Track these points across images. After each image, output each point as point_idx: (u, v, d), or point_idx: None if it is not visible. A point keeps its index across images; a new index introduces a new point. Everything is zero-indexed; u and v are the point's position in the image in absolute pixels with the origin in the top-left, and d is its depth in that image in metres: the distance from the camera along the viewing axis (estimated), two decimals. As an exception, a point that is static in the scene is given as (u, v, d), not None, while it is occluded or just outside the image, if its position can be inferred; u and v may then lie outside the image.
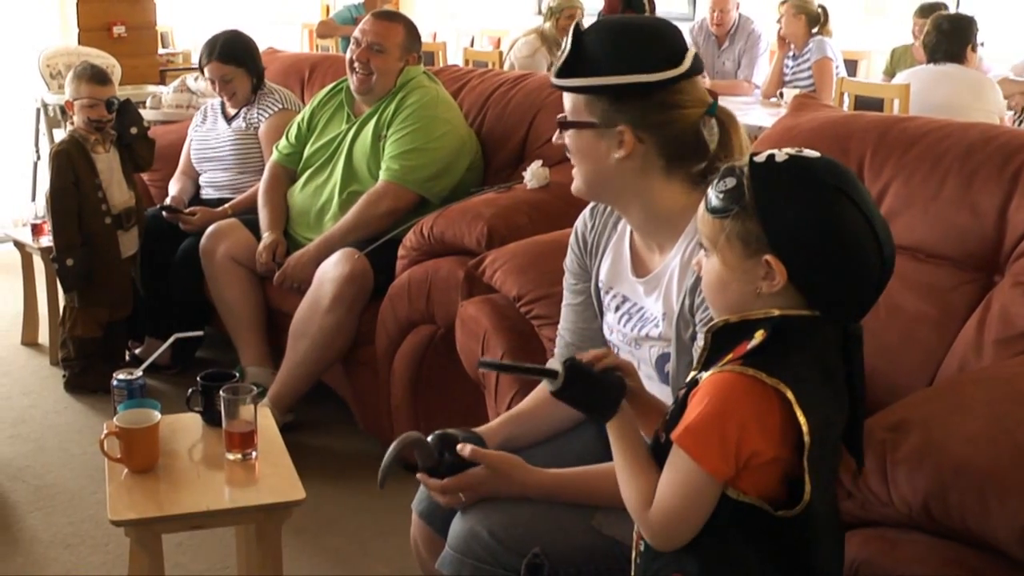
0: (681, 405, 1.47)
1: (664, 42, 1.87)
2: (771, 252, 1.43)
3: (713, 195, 1.48)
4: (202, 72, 4.41)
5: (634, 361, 2.00)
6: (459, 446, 1.91)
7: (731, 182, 1.46)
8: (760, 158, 1.46)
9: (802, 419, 1.38)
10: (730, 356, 1.44)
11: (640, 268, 2.01)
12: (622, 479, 1.52)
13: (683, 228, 1.90)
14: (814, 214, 1.42)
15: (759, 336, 1.42)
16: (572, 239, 2.17)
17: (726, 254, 1.47)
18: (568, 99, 1.90)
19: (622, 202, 1.95)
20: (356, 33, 3.79)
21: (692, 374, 1.52)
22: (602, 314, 2.11)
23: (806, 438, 1.38)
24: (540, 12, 6.53)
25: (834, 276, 1.44)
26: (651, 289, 1.96)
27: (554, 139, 1.96)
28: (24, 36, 6.60)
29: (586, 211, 2.16)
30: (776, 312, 1.44)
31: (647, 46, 1.86)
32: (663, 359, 1.92)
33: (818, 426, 1.39)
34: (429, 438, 1.95)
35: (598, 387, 1.57)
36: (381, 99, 3.70)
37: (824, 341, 1.46)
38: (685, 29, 6.43)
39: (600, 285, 2.09)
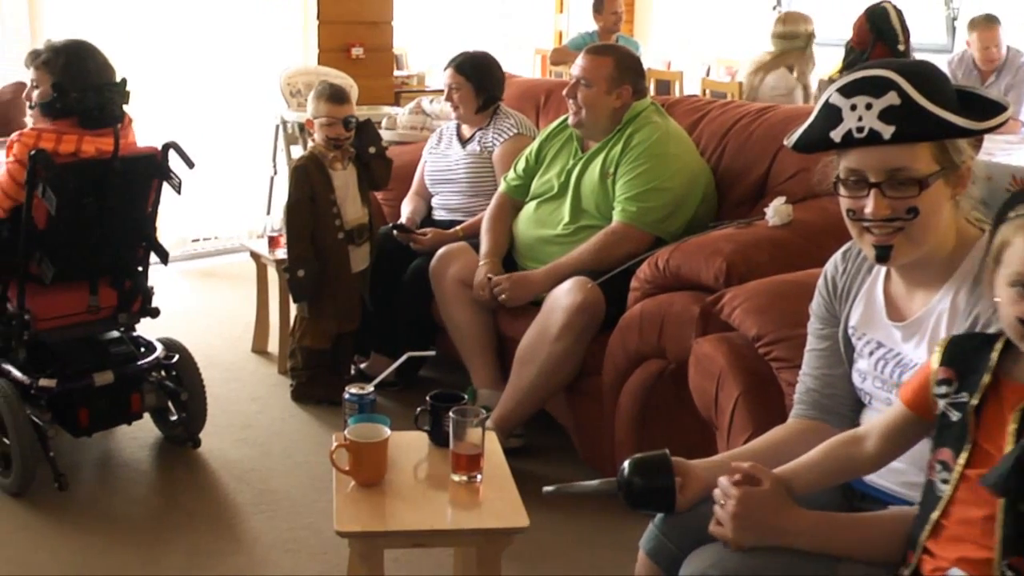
0: None
1: None
2: None
3: None
4: None
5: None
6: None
7: None
8: None
9: None
10: None
11: (895, 313, 1.94)
12: None
13: (953, 269, 1.85)
14: None
15: None
16: (821, 283, 2.10)
17: None
18: (906, 154, 1.77)
19: (930, 243, 1.84)
20: (572, 68, 3.77)
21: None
22: (851, 361, 2.04)
23: None
24: (784, 36, 6.01)
25: None
26: (910, 334, 1.89)
27: (881, 210, 1.79)
28: (267, 56, 6.86)
29: (837, 255, 2.09)
30: None
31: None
32: None
33: None
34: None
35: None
36: (608, 136, 3.67)
37: None
38: (942, 61, 6.14)
39: (851, 331, 2.02)
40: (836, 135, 1.78)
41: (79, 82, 3.26)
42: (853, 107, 1.76)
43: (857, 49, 5.37)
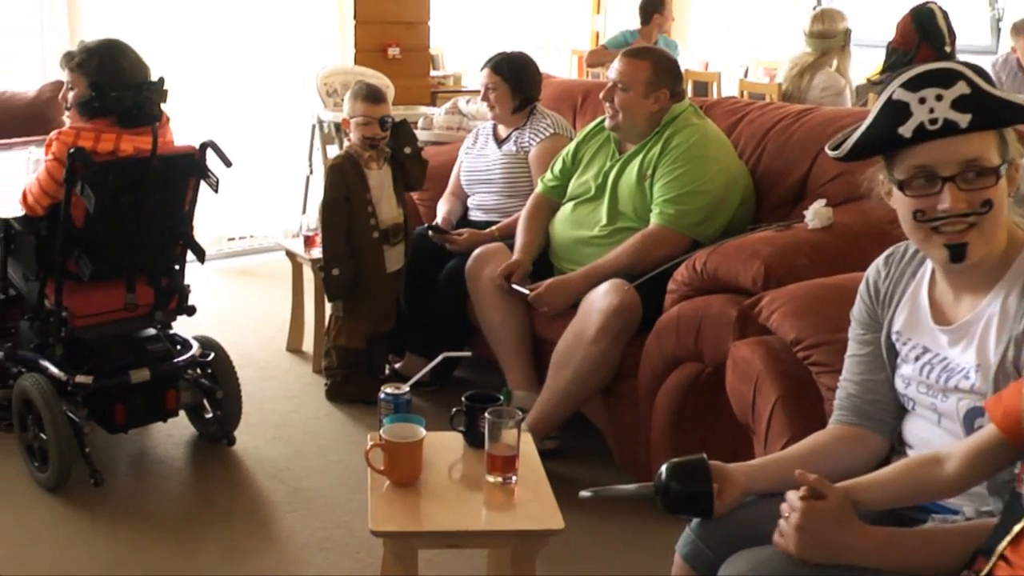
0: None
1: None
2: None
3: None
4: None
5: (935, 416, 1.90)
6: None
7: None
8: None
9: None
10: None
11: (941, 317, 1.91)
12: None
13: (1003, 272, 1.81)
14: None
15: None
16: (863, 288, 2.07)
17: None
18: (979, 144, 1.72)
19: (996, 240, 1.80)
20: (609, 71, 3.76)
21: None
22: (894, 367, 2.00)
23: None
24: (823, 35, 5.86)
25: None
26: (957, 339, 1.86)
27: (959, 203, 1.73)
28: (304, 56, 6.88)
29: (880, 259, 2.05)
30: None
31: None
32: (973, 413, 1.79)
33: None
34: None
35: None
36: (646, 138, 3.64)
37: None
38: (986, 63, 6.06)
39: (895, 336, 1.99)
40: (906, 130, 1.73)
41: (116, 81, 3.27)
42: (922, 100, 1.71)
43: (901, 50, 5.25)
